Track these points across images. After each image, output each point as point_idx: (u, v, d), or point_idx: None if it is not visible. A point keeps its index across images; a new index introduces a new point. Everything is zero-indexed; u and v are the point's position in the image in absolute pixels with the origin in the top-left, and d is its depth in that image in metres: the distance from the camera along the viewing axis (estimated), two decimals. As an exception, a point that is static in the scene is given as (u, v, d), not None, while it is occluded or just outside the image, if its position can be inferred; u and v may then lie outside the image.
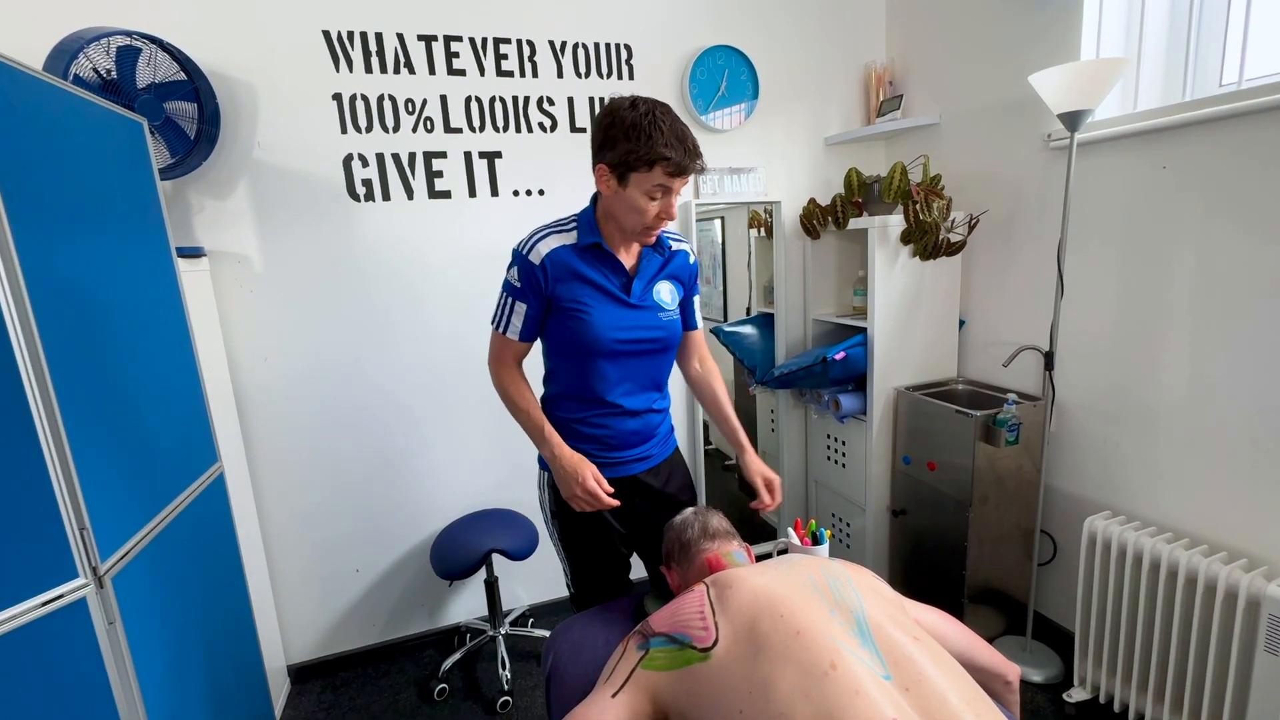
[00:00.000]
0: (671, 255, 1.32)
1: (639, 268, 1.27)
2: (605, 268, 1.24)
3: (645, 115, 1.09)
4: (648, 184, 1.12)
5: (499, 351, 1.28)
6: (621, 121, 1.10)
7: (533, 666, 2.11)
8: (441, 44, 1.95)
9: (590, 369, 1.25)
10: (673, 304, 1.31)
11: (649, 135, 1.08)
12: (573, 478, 1.20)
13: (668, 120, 1.10)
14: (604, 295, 1.23)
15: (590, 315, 1.21)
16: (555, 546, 1.38)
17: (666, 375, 1.37)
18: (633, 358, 1.27)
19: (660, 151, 1.08)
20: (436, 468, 2.18)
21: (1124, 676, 1.65)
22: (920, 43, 2.30)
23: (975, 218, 2.06)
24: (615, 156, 1.12)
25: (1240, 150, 1.42)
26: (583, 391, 1.27)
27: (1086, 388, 1.84)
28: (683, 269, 1.34)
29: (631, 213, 1.16)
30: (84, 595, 1.02)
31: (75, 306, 1.09)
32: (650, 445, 1.36)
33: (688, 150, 1.11)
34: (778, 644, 0.77)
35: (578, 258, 1.22)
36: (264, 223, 1.87)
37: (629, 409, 1.29)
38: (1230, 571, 1.40)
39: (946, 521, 1.98)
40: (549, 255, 1.20)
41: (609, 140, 1.12)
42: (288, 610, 2.07)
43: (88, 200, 1.18)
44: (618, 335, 1.23)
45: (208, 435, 1.58)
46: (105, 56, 1.52)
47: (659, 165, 1.09)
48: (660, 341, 1.29)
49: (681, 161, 1.10)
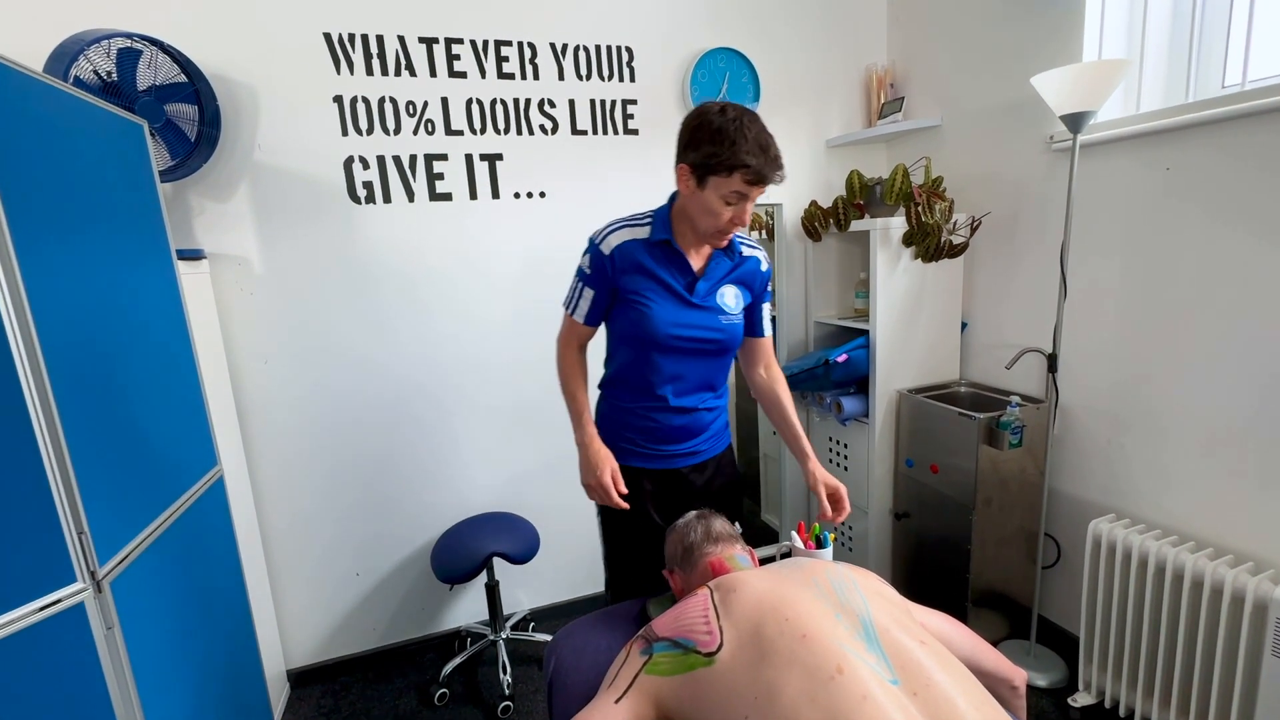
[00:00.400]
0: (742, 260, 1.33)
1: (707, 269, 1.29)
2: (672, 265, 1.27)
3: (732, 121, 1.11)
4: (725, 189, 1.14)
5: (567, 332, 1.36)
6: (708, 125, 1.12)
7: (534, 671, 2.10)
8: (443, 46, 1.95)
9: (645, 360, 1.29)
10: (736, 308, 1.32)
11: (733, 141, 1.10)
12: (593, 468, 1.27)
13: (753, 129, 1.11)
14: (666, 291, 1.26)
15: (650, 309, 1.25)
16: (599, 529, 1.45)
17: (721, 376, 1.39)
18: (688, 355, 1.29)
19: (742, 158, 1.10)
20: (438, 471, 2.17)
21: (1129, 681, 1.64)
22: (921, 45, 2.30)
23: (977, 220, 2.05)
24: (697, 158, 1.14)
25: (1244, 152, 1.42)
26: (635, 380, 1.32)
27: (1090, 390, 1.83)
28: (752, 275, 1.35)
29: (706, 215, 1.18)
30: (82, 600, 1.01)
31: (74, 308, 1.08)
32: (697, 441, 1.38)
33: (769, 160, 1.12)
34: (783, 648, 0.77)
35: (646, 253, 1.26)
36: (264, 225, 1.87)
37: (677, 405, 1.32)
38: (1237, 575, 1.39)
39: (950, 524, 1.97)
40: (618, 247, 1.25)
41: (693, 141, 1.14)
42: (287, 614, 2.06)
43: (88, 202, 1.17)
44: (675, 332, 1.26)
45: (207, 438, 1.57)
46: (106, 58, 1.52)
47: (738, 172, 1.11)
48: (718, 343, 1.31)
49: (761, 170, 1.11)
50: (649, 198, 2.20)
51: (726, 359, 1.36)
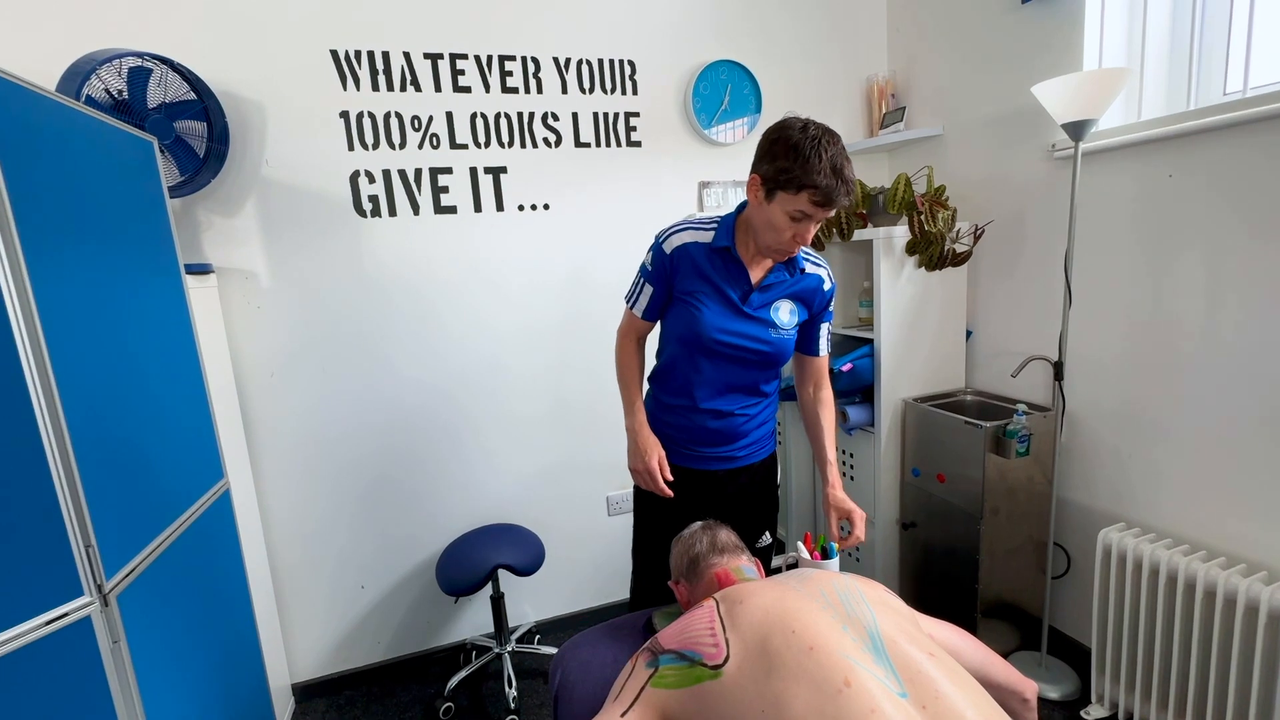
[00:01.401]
0: (802, 277, 1.33)
1: (765, 281, 1.30)
2: (730, 273, 1.28)
3: (810, 140, 1.10)
4: (791, 206, 1.13)
5: (626, 325, 1.41)
6: (786, 139, 1.12)
7: (539, 684, 2.08)
8: (447, 62, 1.97)
9: (689, 361, 1.32)
10: (790, 323, 1.32)
11: (806, 159, 1.09)
12: (641, 453, 1.31)
13: (830, 150, 1.10)
14: (720, 297, 1.28)
15: (701, 311, 1.27)
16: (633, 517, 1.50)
17: (766, 386, 1.40)
18: (731, 362, 1.31)
19: (812, 178, 1.09)
20: (442, 483, 2.17)
21: (1143, 693, 1.61)
22: (922, 55, 2.31)
23: (980, 228, 2.05)
24: (769, 171, 1.14)
25: (1247, 158, 1.42)
26: (678, 379, 1.35)
27: (1097, 398, 1.82)
28: (812, 293, 1.35)
29: (769, 229, 1.18)
30: (89, 614, 1.02)
31: (84, 322, 1.10)
32: (734, 447, 1.39)
33: (841, 183, 1.11)
34: (790, 661, 0.76)
35: (706, 257, 1.28)
36: (271, 239, 1.89)
37: (713, 408, 1.34)
38: (1251, 584, 1.37)
39: (957, 534, 1.95)
40: (680, 248, 1.28)
41: (769, 154, 1.14)
42: (292, 627, 2.05)
43: (98, 218, 1.19)
44: (721, 337, 1.28)
45: (214, 451, 1.58)
46: (117, 77, 1.54)
47: (806, 191, 1.11)
48: (762, 355, 1.31)
49: (831, 192, 1.10)
50: (651, 209, 2.24)
51: (771, 370, 1.37)
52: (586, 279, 2.22)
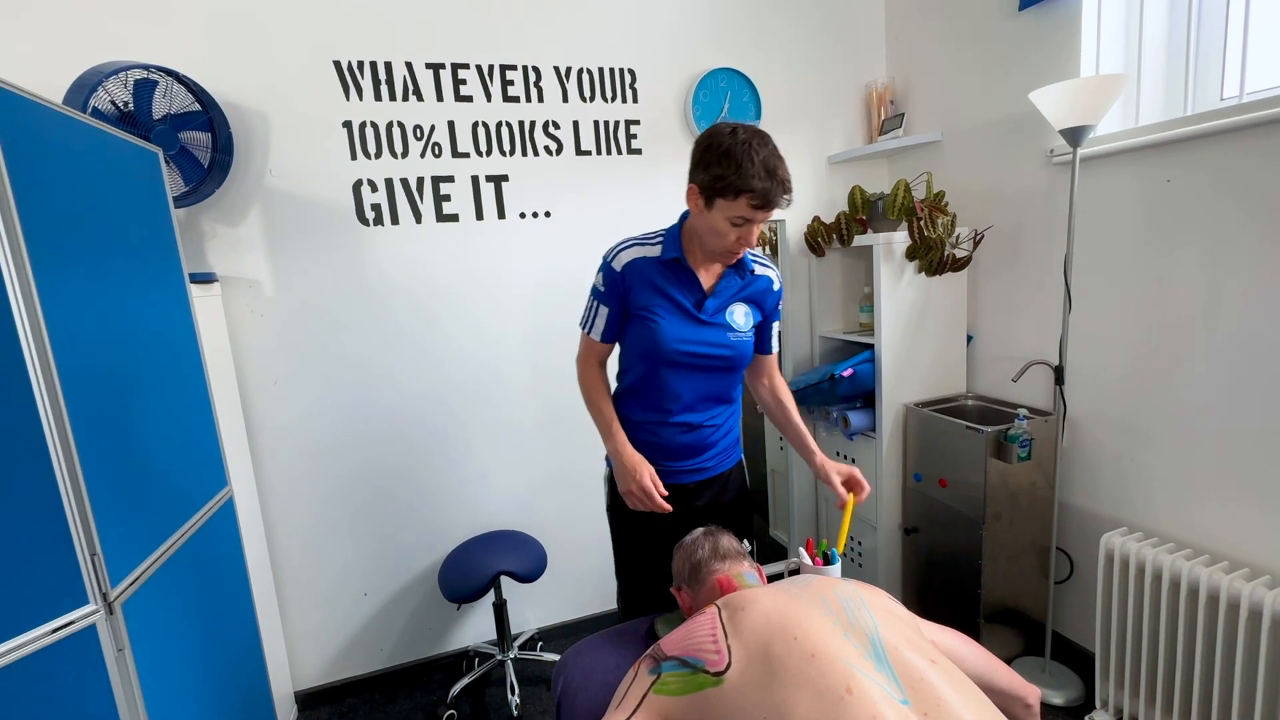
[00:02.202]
0: (753, 279, 1.34)
1: (717, 287, 1.30)
2: (682, 283, 1.29)
3: (741, 144, 1.11)
4: (732, 212, 1.14)
5: (585, 351, 1.38)
6: (718, 146, 1.13)
7: (542, 691, 2.08)
8: (449, 72, 1.99)
9: (654, 375, 1.31)
10: (745, 326, 1.33)
11: (739, 165, 1.10)
12: (631, 475, 1.27)
13: (763, 152, 1.11)
14: (676, 308, 1.28)
15: (659, 324, 1.26)
16: (611, 539, 1.47)
17: (731, 393, 1.40)
18: (696, 371, 1.31)
19: (749, 182, 1.10)
20: (445, 490, 2.18)
21: (1148, 698, 1.61)
22: (920, 62, 2.33)
23: (980, 233, 2.06)
24: (706, 179, 1.15)
25: (1244, 162, 1.43)
26: (644, 395, 1.33)
27: (1098, 401, 1.82)
28: (764, 294, 1.36)
29: (713, 235, 1.19)
30: (94, 622, 1.02)
31: (90, 332, 1.11)
32: (704, 458, 1.39)
33: (776, 184, 1.11)
34: (792, 668, 0.76)
35: (657, 270, 1.27)
36: (275, 248, 1.90)
37: (684, 421, 1.34)
38: (1254, 589, 1.37)
39: (960, 539, 1.95)
40: (630, 264, 1.27)
41: (703, 162, 1.15)
42: (295, 635, 2.06)
43: (104, 228, 1.20)
44: (683, 348, 1.27)
45: (217, 459, 1.59)
46: (123, 89, 1.56)
47: (744, 195, 1.11)
48: (725, 360, 1.31)
49: (768, 194, 1.11)
50: (652, 216, 2.24)
51: (735, 376, 1.37)
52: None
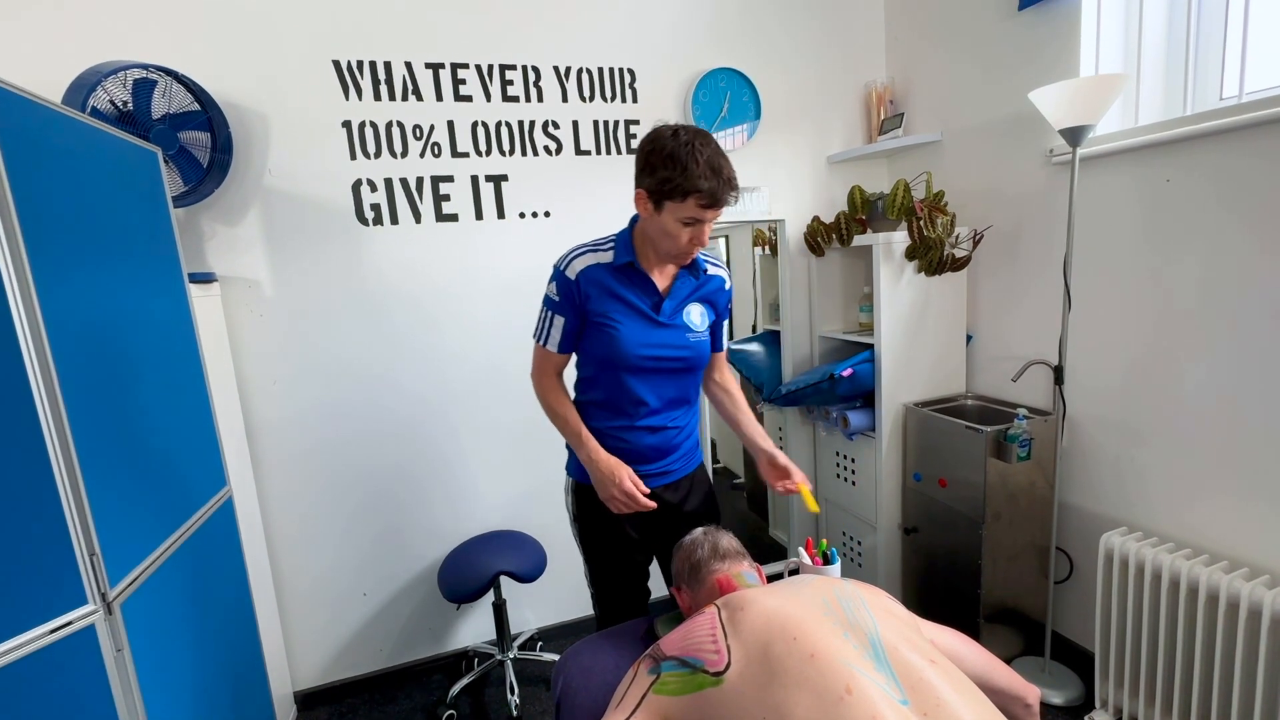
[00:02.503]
0: (706, 280, 1.35)
1: (672, 289, 1.31)
2: (637, 287, 1.28)
3: (684, 145, 1.11)
4: (681, 213, 1.15)
5: (540, 363, 1.35)
6: (661, 149, 1.13)
7: (542, 691, 2.08)
8: (449, 72, 1.99)
9: (615, 381, 1.29)
10: (702, 326, 1.33)
11: (684, 166, 1.10)
12: (609, 479, 1.24)
13: (706, 152, 1.11)
14: (634, 312, 1.27)
15: (618, 330, 1.25)
16: (579, 549, 1.44)
17: (692, 394, 1.40)
18: (657, 374, 1.30)
19: (695, 183, 1.10)
20: (444, 490, 2.18)
21: (1147, 698, 1.61)
22: (920, 62, 2.33)
23: (979, 233, 2.06)
24: (653, 183, 1.15)
25: (1244, 162, 1.43)
26: (606, 402, 1.31)
27: (1098, 401, 1.82)
28: (716, 294, 1.37)
29: (665, 238, 1.20)
30: (93, 622, 1.02)
31: (89, 332, 1.10)
32: (669, 461, 1.38)
33: (722, 182, 1.12)
34: (792, 668, 0.76)
35: (611, 276, 1.26)
36: (274, 248, 1.90)
37: (648, 425, 1.32)
38: (1253, 588, 1.37)
39: (959, 539, 1.95)
40: (583, 271, 1.26)
41: (648, 166, 1.15)
42: (294, 635, 2.05)
43: (103, 228, 1.20)
44: (644, 351, 1.27)
45: (217, 459, 1.59)
46: (122, 89, 1.56)
47: (692, 196, 1.12)
48: (686, 361, 1.32)
49: (715, 193, 1.12)
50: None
51: (695, 376, 1.37)
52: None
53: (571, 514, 1.42)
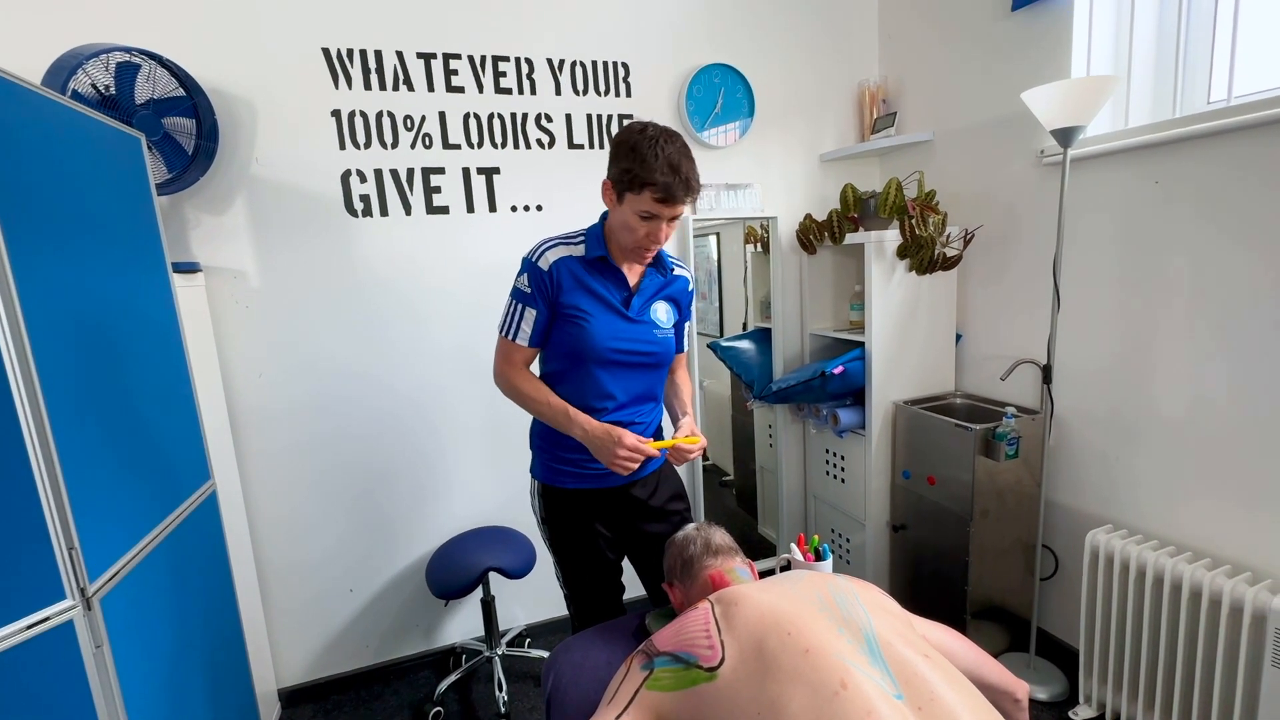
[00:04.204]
0: (673, 279, 1.37)
1: (640, 285, 1.31)
2: (609, 280, 1.28)
3: (648, 140, 1.13)
4: (639, 206, 1.16)
5: (507, 356, 1.31)
6: (626, 141, 1.16)
7: (530, 688, 2.07)
8: (440, 62, 1.96)
9: (584, 376, 1.28)
10: (668, 323, 1.35)
11: (644, 159, 1.13)
12: (611, 442, 1.18)
13: (668, 148, 1.13)
14: (605, 306, 1.27)
15: (590, 323, 1.25)
16: (549, 551, 1.42)
17: (658, 391, 1.40)
18: (625, 369, 1.30)
19: (651, 176, 1.12)
20: (434, 485, 2.15)
21: (1130, 693, 1.63)
22: (913, 61, 2.33)
23: (970, 232, 2.07)
24: (616, 173, 1.18)
25: (1231, 165, 1.44)
26: (573, 397, 1.29)
27: (1085, 400, 1.84)
28: (681, 293, 1.39)
29: (624, 230, 1.21)
30: (71, 618, 1.00)
31: (68, 321, 1.08)
32: None
33: (679, 180, 1.13)
34: (786, 663, 0.76)
35: (584, 269, 1.26)
36: (261, 238, 1.87)
37: (616, 420, 1.30)
38: (1235, 585, 1.39)
39: (947, 536, 1.96)
40: (556, 263, 1.25)
41: (615, 157, 1.18)
42: (279, 631, 2.03)
43: (84, 214, 1.17)
44: (614, 345, 1.26)
45: (200, 452, 1.56)
46: (104, 73, 1.52)
47: (648, 189, 1.14)
48: (653, 356, 1.32)
49: (670, 189, 1.13)
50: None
51: (661, 372, 1.37)
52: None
53: (540, 517, 1.39)
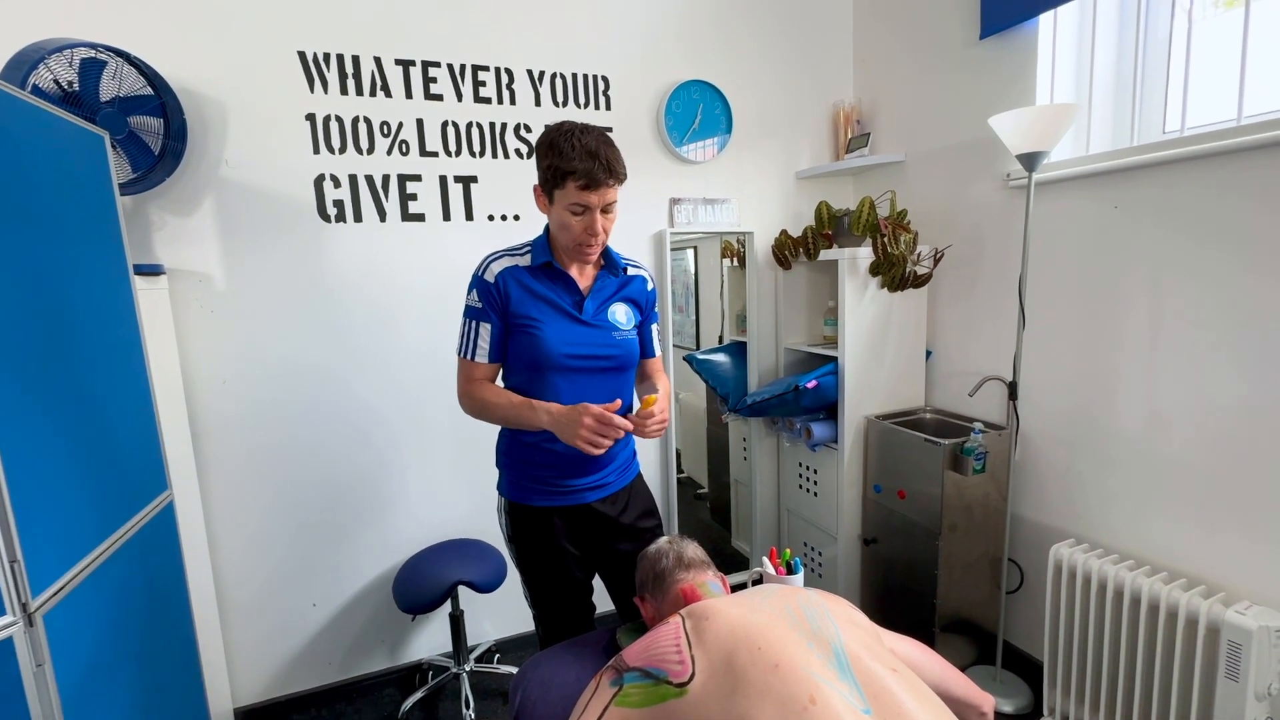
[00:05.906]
0: (629, 279, 1.35)
1: (593, 288, 1.29)
2: (558, 285, 1.27)
3: (564, 134, 1.14)
4: (566, 199, 1.16)
5: (469, 376, 1.29)
6: (545, 140, 1.17)
7: (498, 705, 2.02)
8: (419, 69, 1.95)
9: (543, 385, 1.25)
10: (628, 325, 1.32)
11: (561, 151, 1.13)
12: (575, 422, 1.12)
13: (585, 138, 1.13)
14: (556, 311, 1.25)
15: (542, 330, 1.23)
16: (517, 570, 1.38)
17: (626, 397, 1.33)
18: (586, 374, 1.26)
19: (570, 165, 1.12)
20: (400, 497, 2.11)
21: (1092, 705, 1.66)
22: (886, 84, 2.40)
23: (940, 251, 2.12)
24: (540, 174, 1.19)
25: (1183, 192, 1.51)
26: None
27: (1049, 417, 1.89)
28: (640, 293, 1.36)
29: (562, 230, 1.21)
30: (10, 635, 0.95)
31: (17, 320, 1.03)
32: (605, 474, 1.33)
33: (599, 164, 1.12)
34: (755, 678, 0.75)
35: (530, 277, 1.26)
36: (228, 241, 1.82)
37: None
38: (1190, 598, 1.43)
39: (917, 550, 1.99)
40: (501, 274, 1.25)
41: (538, 158, 1.19)
42: (237, 648, 1.95)
43: (41, 211, 1.13)
44: (569, 350, 1.24)
45: (158, 461, 1.50)
46: (68, 68, 1.48)
47: (570, 179, 1.13)
48: (614, 360, 1.29)
49: (590, 173, 1.12)
50: (622, 225, 2.24)
51: (626, 376, 1.33)
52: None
53: (506, 534, 1.36)
